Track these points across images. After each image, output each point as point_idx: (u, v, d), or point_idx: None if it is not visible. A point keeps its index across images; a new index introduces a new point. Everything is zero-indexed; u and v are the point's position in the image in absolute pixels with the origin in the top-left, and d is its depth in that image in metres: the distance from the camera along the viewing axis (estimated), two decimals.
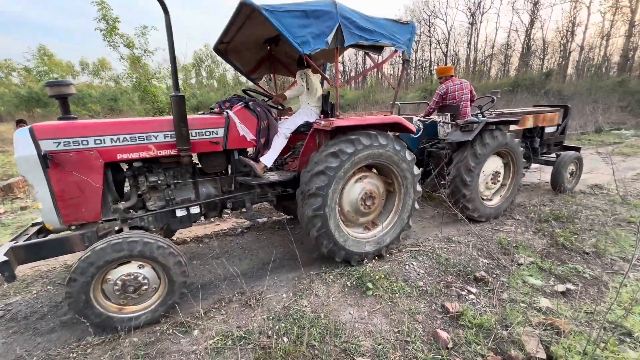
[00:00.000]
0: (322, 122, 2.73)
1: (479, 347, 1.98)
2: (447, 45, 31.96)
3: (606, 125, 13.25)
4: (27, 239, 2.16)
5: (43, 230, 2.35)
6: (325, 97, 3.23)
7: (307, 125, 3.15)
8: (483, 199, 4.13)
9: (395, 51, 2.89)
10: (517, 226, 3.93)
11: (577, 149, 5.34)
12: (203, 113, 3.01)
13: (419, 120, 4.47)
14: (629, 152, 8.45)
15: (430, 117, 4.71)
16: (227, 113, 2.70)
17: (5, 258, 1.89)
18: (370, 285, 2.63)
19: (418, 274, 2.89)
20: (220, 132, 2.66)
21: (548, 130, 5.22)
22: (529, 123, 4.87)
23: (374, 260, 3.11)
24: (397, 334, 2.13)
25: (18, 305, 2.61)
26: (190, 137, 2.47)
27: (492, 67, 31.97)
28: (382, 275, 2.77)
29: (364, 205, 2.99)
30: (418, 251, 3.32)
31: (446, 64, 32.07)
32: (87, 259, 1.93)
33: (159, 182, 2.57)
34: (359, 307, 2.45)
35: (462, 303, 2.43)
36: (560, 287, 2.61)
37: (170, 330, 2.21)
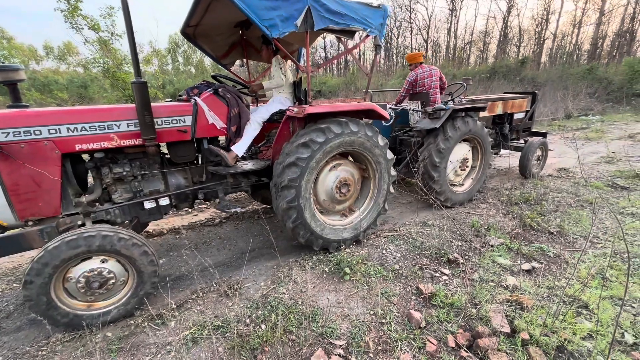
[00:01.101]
0: (295, 110, 2.68)
1: (450, 325, 2.08)
2: (427, 32, 32.05)
3: (575, 111, 13.87)
4: None
5: None
6: (297, 84, 3.17)
7: (281, 113, 3.09)
8: (454, 185, 4.26)
9: (367, 36, 2.85)
10: (490, 209, 4.09)
11: (544, 135, 5.57)
12: (170, 100, 2.90)
13: (390, 108, 4.49)
14: (594, 137, 8.91)
15: (402, 104, 4.74)
16: (195, 100, 2.60)
17: None
18: (347, 270, 2.68)
19: (394, 258, 2.97)
20: (188, 120, 2.57)
21: (517, 116, 5.41)
22: (498, 109, 5.01)
23: (351, 246, 3.16)
24: (373, 316, 2.19)
25: None
26: (156, 126, 2.36)
27: (471, 54, 32.44)
28: (360, 260, 2.83)
29: (339, 193, 3.00)
30: (395, 236, 3.40)
31: (427, 50, 32.26)
32: (40, 259, 1.83)
33: (125, 173, 2.46)
34: (337, 292, 2.49)
35: (435, 284, 2.53)
36: (526, 266, 2.76)
37: (145, 324, 2.17)
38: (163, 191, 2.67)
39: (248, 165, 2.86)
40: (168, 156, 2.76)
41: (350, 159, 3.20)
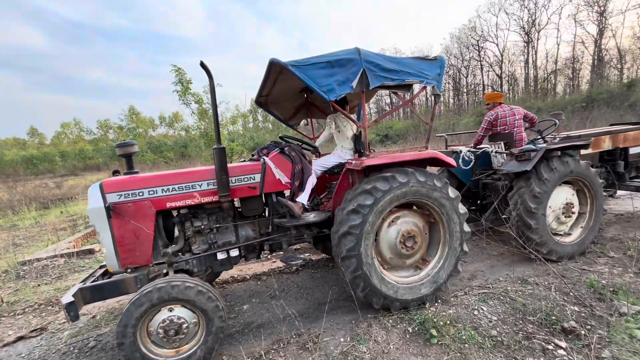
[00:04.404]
0: (354, 162, 2.76)
1: None
2: (500, 67, 30.53)
3: None
4: (94, 280, 2.45)
5: (107, 273, 2.63)
6: (357, 137, 3.26)
7: (341, 166, 3.21)
8: (559, 235, 3.63)
9: (424, 87, 2.88)
10: (613, 265, 3.32)
11: None
12: (243, 160, 3.24)
13: (469, 151, 4.24)
14: None
15: (481, 146, 4.43)
16: (264, 159, 2.88)
17: (72, 299, 2.13)
18: (434, 332, 2.42)
19: (490, 321, 2.58)
20: (257, 177, 2.82)
21: (633, 150, 4.51)
22: (606, 145, 4.28)
23: (436, 304, 2.87)
24: None
25: (107, 337, 2.95)
26: (230, 184, 2.65)
27: (557, 83, 29.36)
28: (448, 321, 2.53)
29: (405, 248, 2.82)
30: (488, 294, 2.98)
31: (501, 85, 30.42)
32: (120, 322, 2.06)
33: (203, 226, 2.76)
34: (423, 356, 2.24)
35: None
36: None
37: None
38: (234, 242, 2.89)
39: (310, 217, 2.95)
40: (239, 210, 3.03)
41: (415, 208, 3.03)
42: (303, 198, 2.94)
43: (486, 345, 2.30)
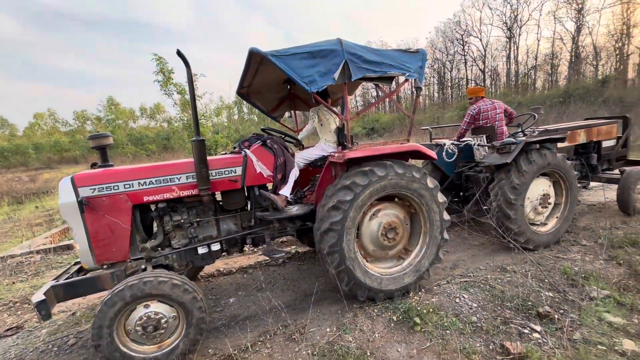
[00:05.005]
0: (336, 155, 2.75)
1: None
2: (484, 62, 31.11)
3: None
4: (68, 278, 2.38)
5: (82, 269, 2.55)
6: (340, 130, 3.24)
7: (324, 159, 3.19)
8: (536, 225, 3.79)
9: (406, 80, 2.89)
10: (585, 253, 3.50)
11: None
12: (225, 153, 3.18)
13: (452, 144, 4.32)
14: None
15: (464, 139, 4.54)
16: (245, 152, 2.83)
17: (43, 297, 2.06)
18: (417, 320, 2.49)
19: (470, 308, 2.67)
20: (238, 170, 2.78)
21: (606, 144, 4.73)
22: (581, 138, 4.47)
23: (420, 292, 2.95)
24: None
25: (87, 333, 2.87)
26: (210, 177, 2.60)
27: (537, 78, 30.23)
28: (431, 309, 2.61)
29: (387, 239, 2.87)
30: (469, 282, 3.09)
31: (484, 80, 31.05)
32: (94, 324, 2.00)
33: (183, 220, 2.70)
34: (407, 344, 2.31)
35: (524, 343, 2.18)
36: None
37: None
38: (215, 236, 2.84)
39: (293, 210, 2.92)
40: (221, 203, 2.98)
41: (397, 200, 3.05)
42: (286, 191, 2.92)
43: (467, 330, 2.38)
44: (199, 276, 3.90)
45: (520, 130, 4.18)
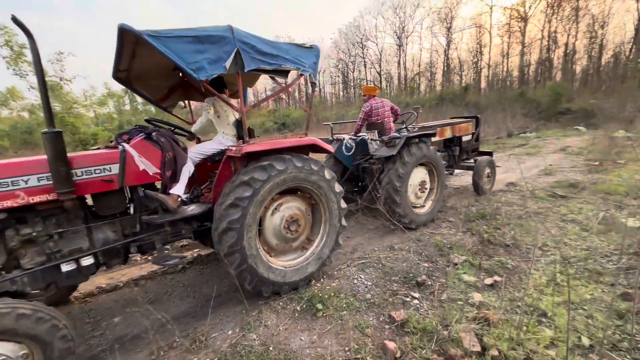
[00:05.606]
0: (234, 149, 2.65)
1: (424, 351, 2.07)
2: (380, 65, 34.70)
3: (515, 129, 15.42)
4: None
5: None
6: (239, 123, 3.10)
7: (223, 153, 3.03)
8: (417, 207, 4.46)
9: (302, 75, 2.93)
10: (451, 228, 4.30)
11: (490, 154, 6.11)
12: (98, 148, 2.74)
13: (350, 138, 4.70)
14: (533, 152, 9.90)
15: (360, 134, 5.00)
16: (123, 146, 2.46)
17: None
18: (320, 306, 2.62)
19: (366, 287, 2.96)
20: (115, 168, 2.38)
21: (465, 138, 5.91)
22: (448, 134, 5.46)
23: (322, 279, 3.11)
24: (347, 353, 2.13)
25: None
26: (75, 178, 2.19)
27: (421, 83, 35.42)
28: (332, 294, 2.78)
29: (289, 232, 2.90)
30: (365, 263, 3.41)
31: (381, 82, 34.70)
32: None
33: (35, 234, 2.17)
34: (310, 331, 2.40)
35: (407, 309, 2.54)
36: (489, 280, 2.88)
37: None
38: (87, 249, 2.39)
39: (188, 210, 2.69)
40: (94, 209, 2.53)
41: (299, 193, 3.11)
42: (178, 189, 2.65)
43: (362, 308, 2.63)
44: (71, 298, 3.22)
45: (404, 126, 4.82)
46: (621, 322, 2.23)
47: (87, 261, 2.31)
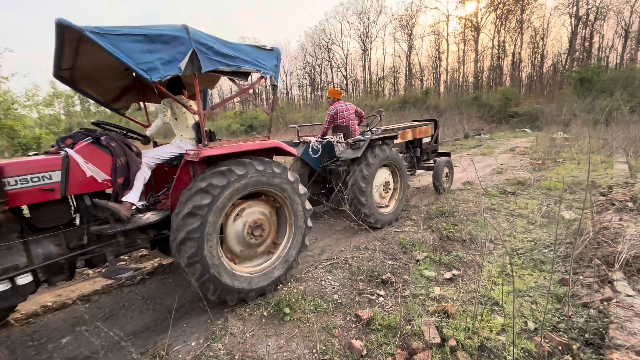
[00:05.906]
0: (192, 153, 2.54)
1: (389, 347, 2.15)
2: (346, 69, 35.41)
3: (471, 131, 16.52)
4: None
5: None
6: (198, 125, 2.98)
7: (181, 157, 2.89)
8: (382, 207, 4.61)
9: (262, 77, 2.89)
10: (413, 226, 4.49)
11: (448, 155, 6.49)
12: (36, 154, 2.53)
13: (316, 141, 4.75)
14: (486, 152, 10.67)
15: (326, 137, 5.08)
16: (66, 152, 2.28)
17: None
18: (287, 310, 2.60)
19: (333, 288, 3.00)
20: (56, 175, 2.20)
21: (425, 140, 6.23)
22: (409, 136, 5.72)
23: (290, 283, 3.10)
24: (315, 355, 2.14)
25: None
26: (7, 187, 2.01)
27: (385, 87, 36.68)
28: (299, 297, 2.77)
29: (253, 237, 2.83)
30: (333, 264, 3.45)
31: (347, 85, 35.40)
32: None
33: None
34: (277, 336, 2.38)
35: (372, 307, 2.61)
36: (448, 275, 3.06)
37: None
38: (24, 265, 2.17)
39: (143, 218, 2.55)
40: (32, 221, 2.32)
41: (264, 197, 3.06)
42: (132, 197, 2.50)
43: (330, 309, 2.66)
44: (10, 320, 2.90)
45: (368, 129, 4.96)
46: (560, 305, 2.48)
47: (24, 279, 2.09)
